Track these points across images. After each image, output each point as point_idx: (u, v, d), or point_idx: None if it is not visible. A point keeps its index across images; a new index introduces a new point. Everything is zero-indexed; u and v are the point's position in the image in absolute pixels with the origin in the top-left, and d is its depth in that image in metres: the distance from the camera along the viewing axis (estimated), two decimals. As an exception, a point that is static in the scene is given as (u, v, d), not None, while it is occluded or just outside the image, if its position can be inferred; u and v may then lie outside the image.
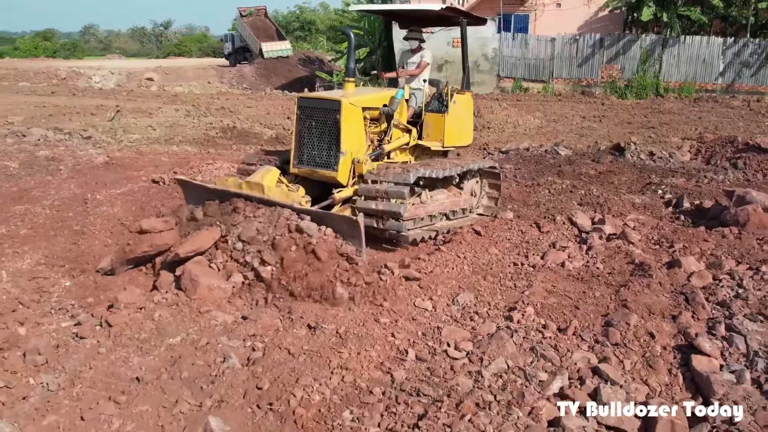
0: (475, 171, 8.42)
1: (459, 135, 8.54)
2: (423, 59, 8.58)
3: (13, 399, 4.06)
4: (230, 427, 3.63)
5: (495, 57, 29.74)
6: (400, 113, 7.95)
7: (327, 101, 7.22)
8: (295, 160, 7.42)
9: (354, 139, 7.22)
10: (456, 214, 8.23)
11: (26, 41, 72.68)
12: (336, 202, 7.13)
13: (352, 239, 6.00)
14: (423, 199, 7.65)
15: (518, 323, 5.11)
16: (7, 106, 22.78)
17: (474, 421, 3.72)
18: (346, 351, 4.54)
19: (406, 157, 8.26)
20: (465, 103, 8.71)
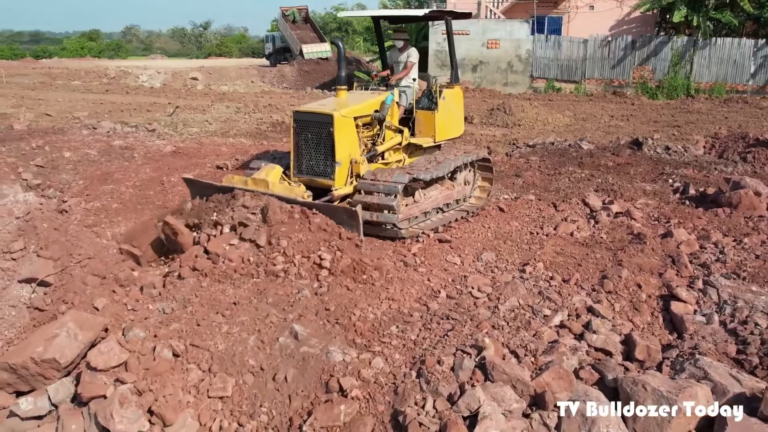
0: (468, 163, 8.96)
1: (450, 128, 9.06)
2: (409, 59, 8.86)
3: (140, 317, 5.39)
4: (309, 331, 4.92)
5: (528, 58, 30.71)
6: (391, 115, 8.32)
7: (320, 115, 7.55)
8: (295, 169, 7.86)
9: (348, 147, 7.61)
10: (450, 206, 8.76)
11: (73, 41, 75.27)
12: (335, 199, 7.48)
13: (352, 228, 6.58)
14: (417, 198, 8.06)
15: (530, 274, 6.32)
16: (68, 102, 24.55)
17: (489, 333, 4.94)
18: (392, 288, 5.85)
19: (399, 155, 8.70)
20: (454, 96, 9.15)
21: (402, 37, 9.01)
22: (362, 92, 8.74)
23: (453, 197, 8.72)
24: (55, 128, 14.81)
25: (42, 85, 32.32)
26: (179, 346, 4.72)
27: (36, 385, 4.90)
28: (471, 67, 31.55)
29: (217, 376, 4.55)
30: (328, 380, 4.46)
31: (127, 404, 4.16)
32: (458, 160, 8.49)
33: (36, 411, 4.70)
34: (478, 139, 16.87)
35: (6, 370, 4.88)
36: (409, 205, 7.92)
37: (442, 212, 8.59)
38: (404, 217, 7.68)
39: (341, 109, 7.59)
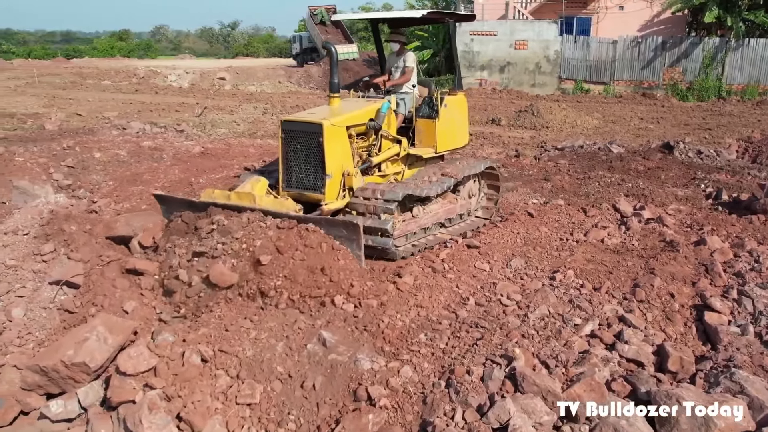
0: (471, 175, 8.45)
1: (453, 138, 8.50)
2: (406, 65, 8.35)
3: (169, 320, 5.41)
4: (337, 338, 4.90)
5: (557, 59, 30.46)
6: (388, 124, 7.82)
7: (309, 124, 7.04)
8: (284, 183, 7.33)
9: (340, 159, 7.12)
10: (453, 221, 8.31)
11: (103, 41, 76.32)
12: (324, 215, 6.90)
13: (351, 244, 6.13)
14: (415, 213, 7.59)
15: (560, 282, 6.23)
16: (99, 102, 24.87)
17: (519, 343, 4.87)
18: (420, 295, 5.81)
19: (398, 167, 8.16)
20: (457, 104, 8.58)
21: (398, 40, 8.51)
22: (357, 100, 8.23)
23: (456, 211, 8.29)
24: (86, 128, 15.01)
25: (73, 84, 32.76)
26: (208, 351, 4.73)
27: (66, 387, 4.94)
28: (498, 68, 31.39)
29: (245, 382, 4.55)
30: (356, 388, 4.43)
31: (156, 410, 4.17)
32: (461, 174, 7.96)
33: (66, 414, 4.74)
34: (506, 141, 16.76)
35: (37, 373, 4.92)
36: (407, 221, 7.46)
37: (443, 227, 8.20)
38: (401, 233, 7.29)
39: (332, 117, 7.09)
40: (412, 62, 8.34)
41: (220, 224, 6.19)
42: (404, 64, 8.31)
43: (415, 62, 8.40)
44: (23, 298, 6.27)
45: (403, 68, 8.33)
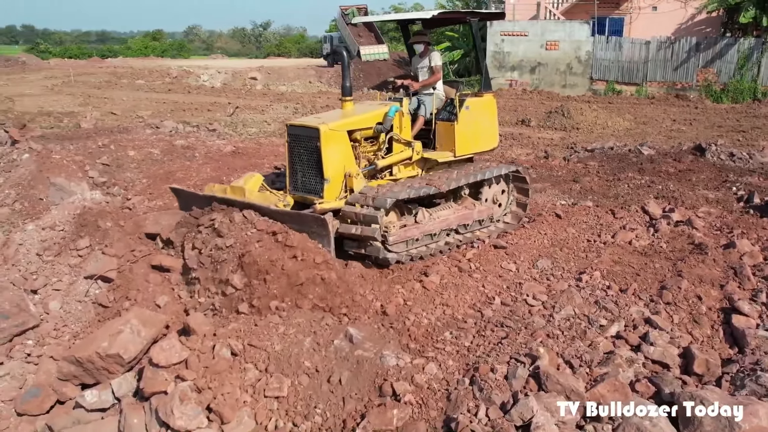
0: (493, 179, 8.24)
1: (477, 141, 8.27)
2: (434, 64, 8.16)
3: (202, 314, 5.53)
4: (363, 334, 4.98)
5: (588, 60, 30.25)
6: (401, 126, 7.69)
7: (308, 129, 7.08)
8: (290, 186, 7.43)
9: (339, 163, 7.08)
10: (470, 227, 7.98)
11: (137, 41, 77.44)
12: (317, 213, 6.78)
13: (321, 239, 6.10)
14: (419, 218, 7.35)
15: (586, 283, 6.25)
16: (132, 102, 25.30)
17: (544, 342, 4.91)
18: (446, 293, 5.89)
19: (413, 170, 7.95)
20: (483, 106, 8.35)
21: (422, 41, 8.32)
22: (371, 103, 8.16)
23: (472, 217, 7.91)
24: (120, 127, 15.30)
25: (107, 84, 33.35)
26: (237, 345, 4.84)
27: (100, 378, 5.10)
28: (529, 68, 31.26)
29: (273, 376, 4.65)
30: (381, 384, 4.51)
31: (187, 401, 4.29)
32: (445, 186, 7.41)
33: (100, 404, 4.89)
34: (535, 143, 16.71)
35: (73, 363, 5.09)
36: (408, 227, 7.20)
37: (457, 234, 7.87)
38: (399, 239, 7.03)
39: (331, 121, 7.10)
40: (439, 60, 8.21)
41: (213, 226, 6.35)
42: (431, 63, 8.16)
43: (441, 60, 8.23)
44: (60, 291, 6.47)
45: (430, 68, 8.18)
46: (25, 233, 7.62)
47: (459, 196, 7.90)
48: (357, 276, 6.41)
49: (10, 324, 5.79)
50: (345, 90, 7.69)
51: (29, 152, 10.90)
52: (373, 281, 6.46)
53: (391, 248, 6.95)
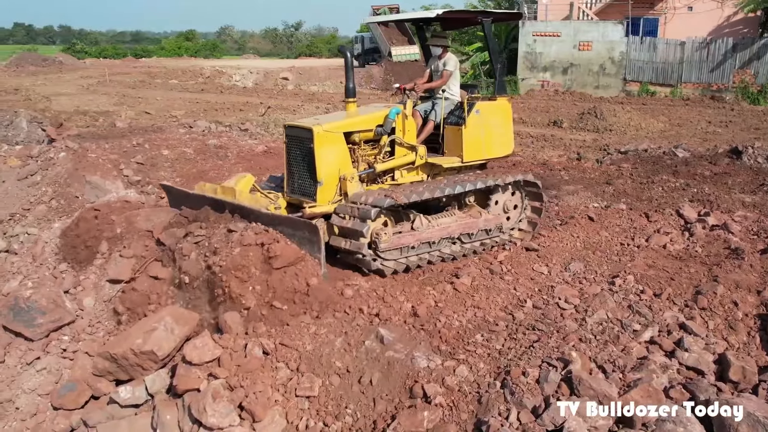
0: (503, 186, 7.81)
1: (487, 147, 7.91)
2: (445, 68, 7.85)
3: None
4: (394, 336, 4.99)
5: (622, 60, 29.91)
6: (403, 130, 7.42)
7: (302, 130, 6.92)
8: (288, 188, 7.27)
9: (334, 166, 6.88)
10: (475, 236, 7.59)
11: (171, 41, 78.45)
12: (306, 217, 6.65)
13: (310, 246, 5.89)
14: (416, 225, 7.02)
15: (619, 287, 6.17)
16: (166, 101, 25.62)
17: (576, 347, 4.87)
18: (477, 296, 5.87)
19: (416, 176, 7.69)
20: (496, 110, 8.02)
21: (439, 44, 7.93)
22: (376, 105, 7.95)
23: (477, 226, 7.51)
24: (154, 126, 15.49)
25: (142, 83, 33.82)
26: (269, 344, 4.88)
27: (134, 374, 5.18)
28: (561, 69, 31.00)
29: (304, 375, 4.68)
30: (412, 386, 4.51)
31: (220, 399, 4.34)
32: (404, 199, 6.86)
33: (134, 399, 4.97)
34: (567, 144, 16.57)
35: (108, 359, 5.18)
36: (403, 234, 6.89)
37: (461, 243, 7.51)
38: (391, 246, 6.72)
39: (326, 123, 6.92)
40: (453, 66, 7.86)
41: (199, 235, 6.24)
42: (443, 67, 7.87)
43: (456, 66, 7.92)
44: (93, 289, 6.59)
45: (441, 71, 7.88)
46: (50, 231, 7.79)
47: (464, 203, 7.60)
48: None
49: (47, 320, 5.91)
50: (348, 91, 7.53)
51: (66, 151, 11.09)
52: (404, 282, 6.46)
53: (383, 255, 6.69)
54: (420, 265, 6.93)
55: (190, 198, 7.00)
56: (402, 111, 7.34)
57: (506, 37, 34.50)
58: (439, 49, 7.94)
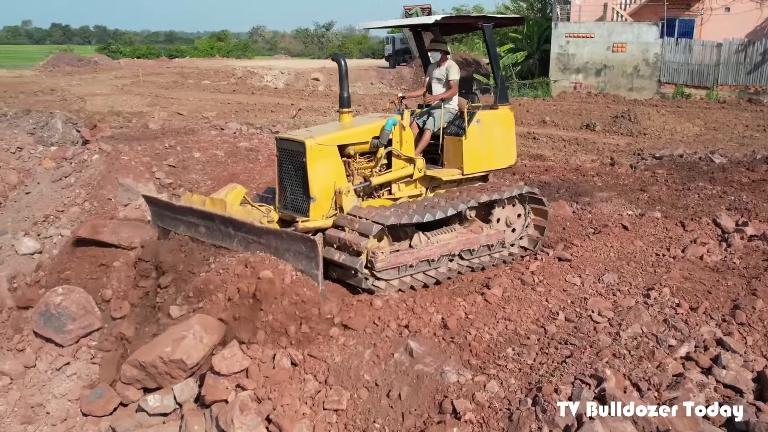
0: (505, 200, 7.53)
1: (488, 158, 7.60)
2: (450, 78, 7.48)
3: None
4: (424, 349, 4.92)
5: (656, 62, 29.47)
6: (401, 141, 7.08)
7: (294, 143, 6.57)
8: (280, 203, 6.94)
9: (327, 180, 6.55)
10: (477, 252, 7.26)
11: (203, 42, 79.03)
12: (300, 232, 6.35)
13: (308, 262, 5.59)
14: (414, 242, 6.70)
15: (654, 300, 6.03)
16: (198, 102, 25.83)
17: (610, 363, 4.76)
18: (509, 308, 5.77)
19: (415, 189, 7.37)
20: (497, 120, 7.67)
21: (439, 48, 7.61)
22: (371, 115, 7.60)
23: (479, 242, 7.19)
24: (187, 128, 15.60)
25: (174, 84, 34.14)
26: (298, 355, 4.84)
27: (162, 383, 5.18)
28: (594, 71, 30.64)
29: (332, 388, 4.64)
30: (441, 401, 4.44)
31: (247, 411, 4.31)
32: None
33: (162, 408, 4.98)
34: (600, 148, 16.35)
35: (136, 367, 5.18)
36: (401, 252, 6.57)
37: (461, 258, 7.17)
38: (388, 266, 6.39)
39: (319, 135, 6.55)
40: (457, 74, 7.49)
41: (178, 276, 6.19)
42: (448, 77, 7.49)
43: (459, 74, 7.55)
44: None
45: (446, 81, 7.52)
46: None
47: (465, 217, 7.20)
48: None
49: (77, 326, 5.96)
50: (342, 101, 7.13)
51: (99, 153, 11.20)
52: (434, 293, 6.39)
53: (379, 275, 6.35)
54: (414, 287, 6.60)
55: (177, 210, 6.73)
56: (399, 121, 7.02)
57: (539, 39, 34.22)
58: (439, 55, 7.66)
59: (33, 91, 29.05)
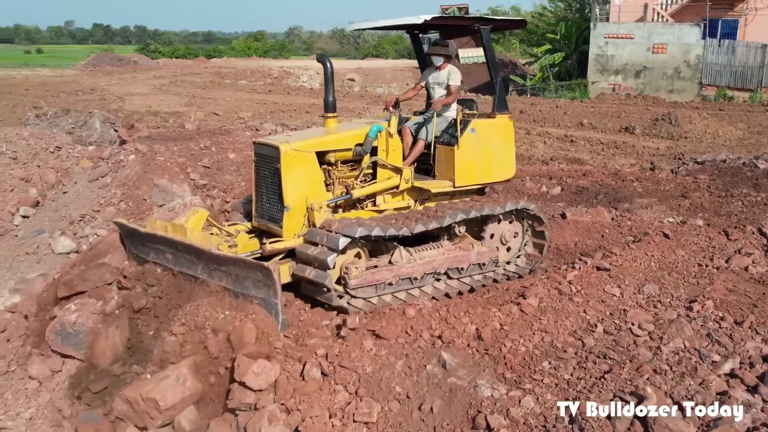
0: (500, 216, 7.11)
1: (485, 170, 7.14)
2: (451, 83, 7.07)
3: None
4: (457, 361, 4.80)
5: (698, 64, 28.88)
6: (387, 149, 6.74)
7: (270, 148, 6.27)
8: (256, 212, 6.64)
9: (303, 189, 6.20)
10: (467, 271, 6.78)
11: (240, 42, 79.72)
12: (266, 254, 6.11)
13: (267, 290, 5.25)
14: (395, 259, 6.26)
15: (697, 313, 5.82)
16: (235, 102, 25.99)
17: (651, 379, 4.58)
18: (545, 319, 5.61)
19: (401, 201, 7.00)
20: (495, 129, 7.23)
21: (439, 53, 7.13)
22: (358, 121, 7.20)
23: (469, 260, 6.71)
24: (222, 129, 15.65)
25: (212, 84, 34.43)
26: (328, 366, 4.76)
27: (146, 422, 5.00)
28: (634, 72, 30.16)
29: (363, 400, 4.54)
30: (475, 416, 4.32)
31: (276, 422, 4.24)
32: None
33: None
34: (640, 152, 16.03)
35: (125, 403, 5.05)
36: (379, 268, 6.14)
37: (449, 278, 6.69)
38: (363, 283, 6.00)
39: (296, 141, 6.22)
40: (458, 80, 7.10)
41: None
42: (449, 81, 7.08)
43: (459, 80, 7.15)
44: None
45: (447, 86, 7.11)
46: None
47: (454, 233, 6.82)
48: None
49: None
50: (327, 105, 6.81)
51: (135, 153, 11.29)
52: (468, 302, 6.26)
53: (353, 293, 6.00)
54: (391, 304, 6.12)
55: (142, 237, 6.45)
56: (385, 128, 6.65)
57: (577, 39, 33.78)
58: (440, 59, 7.16)
59: (73, 90, 29.56)
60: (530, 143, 17.97)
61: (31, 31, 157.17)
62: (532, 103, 25.12)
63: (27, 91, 28.47)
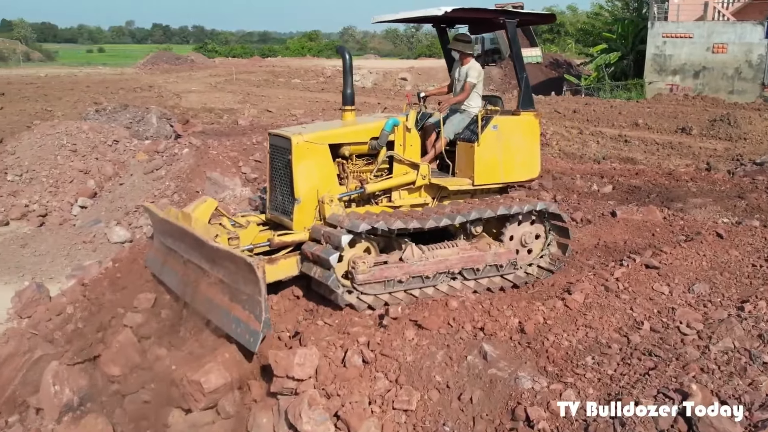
0: (519, 216, 6.77)
1: (507, 168, 6.92)
2: (467, 79, 6.89)
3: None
4: (498, 352, 4.79)
5: (760, 64, 27.99)
6: (404, 144, 6.54)
7: (282, 139, 6.19)
8: (270, 204, 6.58)
9: (315, 181, 6.08)
10: (483, 272, 6.47)
11: (295, 42, 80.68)
12: (274, 247, 6.03)
13: (253, 287, 5.06)
14: (406, 256, 6.07)
15: (749, 313, 5.66)
16: (287, 100, 26.32)
17: (697, 377, 4.48)
18: (590, 314, 5.54)
19: (419, 198, 6.76)
20: (519, 126, 7.01)
21: (460, 48, 6.96)
22: (376, 115, 6.96)
23: (485, 261, 6.43)
24: (274, 125, 15.88)
25: (266, 82, 34.95)
26: (369, 353, 4.80)
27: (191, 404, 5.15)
28: (693, 72, 29.38)
29: (403, 388, 4.57)
30: (514, 407, 4.30)
31: (316, 406, 4.29)
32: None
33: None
34: (696, 153, 15.66)
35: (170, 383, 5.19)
36: (388, 265, 5.98)
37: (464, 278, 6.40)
38: (371, 279, 5.83)
39: (309, 133, 6.11)
40: (476, 77, 6.89)
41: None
42: (465, 78, 6.90)
43: (479, 77, 6.93)
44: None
45: (463, 83, 6.94)
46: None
47: (471, 233, 6.61)
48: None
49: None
50: (346, 98, 6.65)
51: (189, 147, 11.55)
52: (512, 296, 6.22)
53: (361, 288, 5.84)
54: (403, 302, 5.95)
55: (160, 222, 6.58)
56: (402, 122, 6.46)
57: (633, 38, 33.11)
58: (459, 54, 7.03)
59: (132, 87, 30.40)
60: (582, 142, 17.72)
61: (94, 31, 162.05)
62: (587, 103, 24.72)
63: (88, 88, 29.40)
